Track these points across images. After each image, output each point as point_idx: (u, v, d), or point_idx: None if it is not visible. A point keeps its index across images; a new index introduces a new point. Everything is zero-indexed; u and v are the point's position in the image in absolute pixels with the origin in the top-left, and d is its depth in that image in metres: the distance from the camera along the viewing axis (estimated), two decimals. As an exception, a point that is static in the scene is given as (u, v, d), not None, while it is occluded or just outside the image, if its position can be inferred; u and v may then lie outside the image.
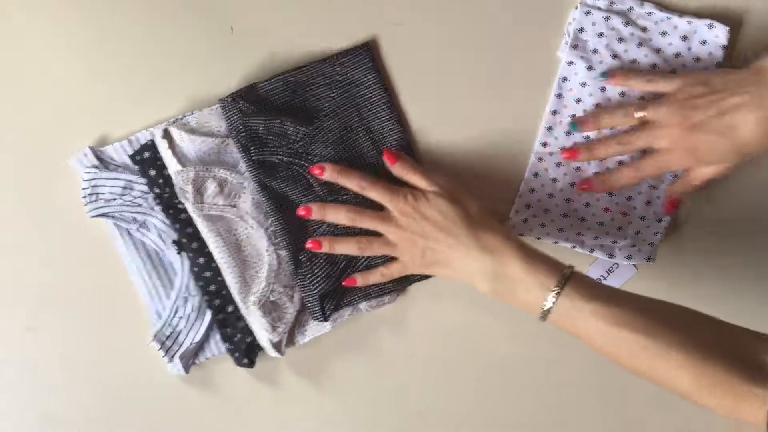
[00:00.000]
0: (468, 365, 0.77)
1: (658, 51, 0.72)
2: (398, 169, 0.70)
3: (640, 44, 0.72)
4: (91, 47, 0.74)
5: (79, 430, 0.78)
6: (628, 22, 0.72)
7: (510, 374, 0.77)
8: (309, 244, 0.70)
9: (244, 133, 0.70)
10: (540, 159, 0.74)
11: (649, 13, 0.72)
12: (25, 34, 0.74)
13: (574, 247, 0.73)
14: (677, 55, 0.72)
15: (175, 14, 0.74)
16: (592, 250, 0.72)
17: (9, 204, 0.76)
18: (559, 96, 0.74)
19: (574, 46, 0.72)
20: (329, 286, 0.72)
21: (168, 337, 0.75)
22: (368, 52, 0.72)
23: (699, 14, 0.72)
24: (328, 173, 0.69)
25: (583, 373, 0.77)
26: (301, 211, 0.69)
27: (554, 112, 0.74)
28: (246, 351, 0.74)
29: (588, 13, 0.72)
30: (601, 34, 0.72)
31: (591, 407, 0.78)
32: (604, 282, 0.75)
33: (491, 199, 0.74)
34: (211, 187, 0.71)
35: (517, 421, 0.78)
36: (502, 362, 0.77)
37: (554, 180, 0.75)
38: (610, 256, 0.72)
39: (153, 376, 0.77)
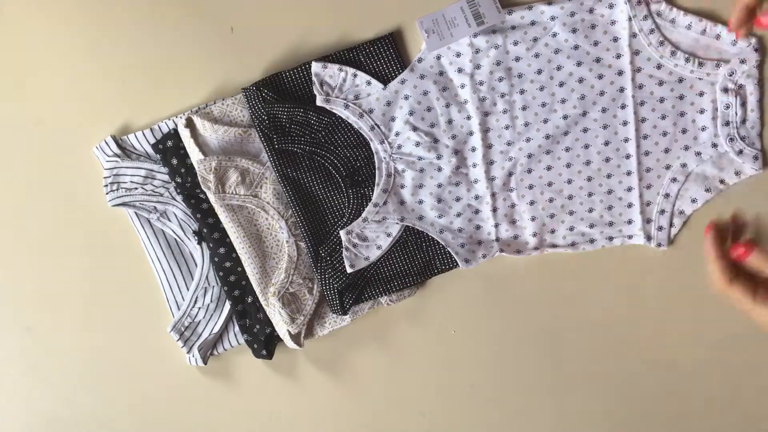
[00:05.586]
0: (487, 361, 0.77)
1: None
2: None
3: None
4: (114, 37, 0.74)
5: (79, 429, 0.78)
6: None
7: (522, 369, 0.77)
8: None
9: (266, 122, 0.70)
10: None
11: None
12: (53, 27, 0.75)
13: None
14: None
15: (199, 4, 0.74)
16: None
17: (24, 197, 0.76)
18: None
19: None
20: (349, 280, 0.72)
21: (187, 327, 0.75)
22: (392, 43, 0.72)
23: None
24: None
25: (600, 375, 0.76)
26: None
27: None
28: (265, 342, 0.74)
29: None
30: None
31: (602, 410, 0.77)
32: None
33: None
34: (233, 177, 0.71)
35: (530, 416, 0.77)
36: (517, 356, 0.76)
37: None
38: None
39: (169, 368, 0.77)
